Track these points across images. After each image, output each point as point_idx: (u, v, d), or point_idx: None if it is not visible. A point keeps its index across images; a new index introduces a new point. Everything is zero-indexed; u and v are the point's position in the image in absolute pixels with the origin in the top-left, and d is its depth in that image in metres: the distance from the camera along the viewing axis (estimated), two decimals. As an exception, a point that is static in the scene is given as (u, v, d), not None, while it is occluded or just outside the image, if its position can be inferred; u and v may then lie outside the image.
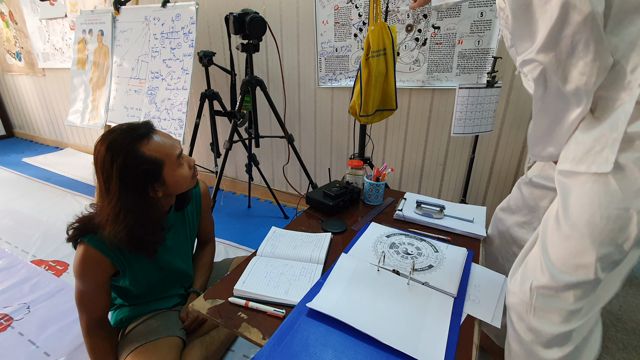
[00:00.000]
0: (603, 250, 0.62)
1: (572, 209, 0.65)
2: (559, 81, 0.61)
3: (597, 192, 0.61)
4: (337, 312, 0.73)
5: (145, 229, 0.90)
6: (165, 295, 1.12)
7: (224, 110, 2.07)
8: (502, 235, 1.10)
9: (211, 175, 2.69)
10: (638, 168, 0.58)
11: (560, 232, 0.66)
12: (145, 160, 0.87)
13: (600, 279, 0.64)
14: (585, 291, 0.67)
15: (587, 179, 0.62)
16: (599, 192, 0.61)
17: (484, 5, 1.53)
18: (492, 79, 1.49)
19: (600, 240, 0.62)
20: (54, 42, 3.09)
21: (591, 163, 0.61)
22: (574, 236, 0.64)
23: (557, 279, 0.66)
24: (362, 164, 1.35)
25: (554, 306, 0.69)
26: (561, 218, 0.66)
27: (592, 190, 0.62)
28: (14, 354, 1.24)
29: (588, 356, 0.78)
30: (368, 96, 1.46)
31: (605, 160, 0.59)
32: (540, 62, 0.61)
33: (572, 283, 0.65)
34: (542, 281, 0.68)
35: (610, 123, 0.59)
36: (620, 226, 0.60)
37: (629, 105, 0.57)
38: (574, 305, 0.68)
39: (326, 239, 1.04)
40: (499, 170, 1.79)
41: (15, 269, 1.69)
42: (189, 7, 1.91)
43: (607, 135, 0.59)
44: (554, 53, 0.58)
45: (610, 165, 0.58)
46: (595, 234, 0.62)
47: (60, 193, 2.60)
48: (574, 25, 0.54)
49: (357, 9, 1.78)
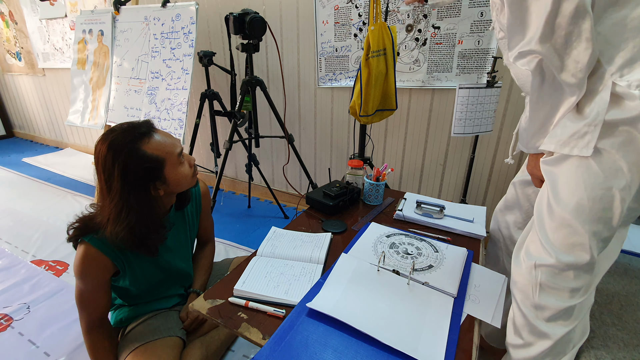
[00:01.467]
0: (593, 228, 0.68)
1: (561, 194, 0.70)
2: (555, 70, 0.63)
3: (582, 175, 0.67)
4: (337, 312, 0.73)
5: (146, 228, 0.90)
6: (165, 295, 1.12)
7: (224, 110, 2.07)
8: (503, 235, 1.11)
9: (211, 175, 2.69)
10: (615, 150, 0.63)
11: (554, 216, 0.72)
12: (147, 158, 0.87)
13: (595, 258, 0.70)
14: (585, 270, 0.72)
15: (571, 164, 0.68)
16: (583, 175, 0.67)
17: (484, 5, 1.53)
18: (492, 79, 1.49)
19: (590, 219, 0.68)
20: (54, 42, 3.09)
21: (574, 146, 0.66)
22: (566, 218, 0.69)
23: (560, 259, 0.71)
24: (362, 164, 1.35)
25: (559, 283, 0.73)
26: (552, 203, 0.72)
27: (577, 174, 0.67)
28: (14, 354, 1.24)
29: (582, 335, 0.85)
30: (368, 96, 1.46)
31: (586, 144, 0.64)
32: (538, 53, 0.63)
33: (571, 263, 0.71)
34: (547, 261, 0.73)
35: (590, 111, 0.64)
36: (606, 205, 0.66)
37: (605, 94, 0.62)
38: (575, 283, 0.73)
39: (326, 239, 1.04)
40: (499, 170, 1.79)
41: (15, 269, 1.69)
42: (189, 7, 1.91)
43: (589, 122, 0.64)
44: (549, 43, 0.61)
45: (590, 150, 0.64)
46: (585, 214, 0.68)
47: (60, 193, 2.60)
48: (566, 15, 0.57)
49: (357, 9, 1.78)
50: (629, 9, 0.60)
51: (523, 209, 1.03)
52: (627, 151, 0.63)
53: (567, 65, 0.61)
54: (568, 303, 0.74)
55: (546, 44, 0.61)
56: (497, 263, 1.15)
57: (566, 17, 0.57)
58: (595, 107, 0.63)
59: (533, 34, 0.62)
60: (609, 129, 0.63)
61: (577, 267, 0.71)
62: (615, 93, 0.62)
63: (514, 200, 1.05)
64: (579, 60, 0.60)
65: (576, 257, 0.70)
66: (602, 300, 1.16)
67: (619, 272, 1.30)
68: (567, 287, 0.73)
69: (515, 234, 1.07)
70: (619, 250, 0.86)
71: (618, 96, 0.62)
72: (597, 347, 0.95)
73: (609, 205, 0.66)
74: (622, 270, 1.32)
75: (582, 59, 0.59)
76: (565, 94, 0.66)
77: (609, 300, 1.15)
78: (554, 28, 0.59)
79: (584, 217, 0.68)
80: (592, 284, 0.80)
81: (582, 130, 0.65)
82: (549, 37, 0.60)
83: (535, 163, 0.81)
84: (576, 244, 0.70)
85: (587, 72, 0.61)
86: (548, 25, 0.59)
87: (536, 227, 0.76)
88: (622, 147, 0.63)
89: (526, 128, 0.79)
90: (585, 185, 0.66)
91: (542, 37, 0.60)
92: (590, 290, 0.79)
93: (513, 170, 1.75)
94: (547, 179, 0.73)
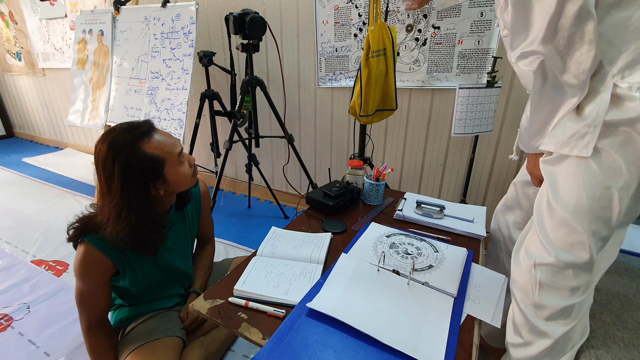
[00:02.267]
0: (593, 227, 0.68)
1: (561, 193, 0.70)
2: (557, 72, 0.63)
3: (581, 174, 0.67)
4: (337, 312, 0.73)
5: (147, 227, 0.90)
6: (165, 295, 1.12)
7: (224, 110, 2.07)
8: (503, 235, 1.11)
9: (211, 175, 2.69)
10: (614, 150, 0.64)
11: (554, 214, 0.72)
12: (147, 158, 0.87)
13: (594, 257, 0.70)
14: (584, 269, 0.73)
15: (570, 163, 0.68)
16: (582, 174, 0.67)
17: (484, 5, 1.53)
18: (492, 79, 1.49)
19: (589, 218, 0.68)
20: (54, 42, 3.09)
21: (573, 147, 0.66)
22: (566, 217, 0.70)
23: (559, 258, 0.71)
24: (362, 164, 1.35)
25: (558, 282, 0.74)
26: (552, 202, 0.72)
27: (576, 173, 0.68)
28: (14, 354, 1.24)
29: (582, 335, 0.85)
30: (368, 96, 1.46)
31: (586, 145, 0.65)
32: (540, 54, 0.63)
33: (571, 262, 0.71)
34: (546, 260, 0.73)
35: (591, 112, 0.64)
36: (604, 204, 0.67)
37: (605, 95, 0.62)
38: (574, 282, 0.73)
39: (326, 239, 1.04)
40: (499, 170, 1.79)
41: (15, 269, 1.69)
42: (189, 7, 1.91)
43: (588, 123, 0.64)
44: (552, 44, 0.60)
45: (590, 151, 0.64)
46: (584, 213, 0.68)
47: (60, 193, 2.60)
48: (570, 17, 0.57)
49: (357, 9, 1.78)
50: (632, 10, 0.60)
51: (523, 209, 1.03)
52: (625, 151, 0.63)
53: (569, 67, 0.61)
54: (568, 302, 0.74)
55: (549, 45, 0.61)
56: (497, 263, 1.15)
57: (569, 19, 0.57)
58: (596, 108, 0.63)
59: (536, 34, 0.62)
60: (608, 129, 0.63)
61: (577, 266, 0.71)
62: (615, 94, 0.62)
63: (515, 200, 1.05)
64: (581, 62, 0.60)
65: (576, 256, 0.71)
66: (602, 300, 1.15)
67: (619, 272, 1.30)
68: (567, 285, 0.73)
69: (514, 234, 1.07)
70: (618, 251, 0.86)
71: (618, 97, 0.62)
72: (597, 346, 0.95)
73: (607, 204, 0.66)
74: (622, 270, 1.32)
75: (585, 60, 0.59)
76: (566, 95, 0.66)
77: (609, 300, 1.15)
78: (557, 29, 0.59)
79: (583, 216, 0.68)
80: (591, 283, 0.80)
81: (582, 130, 0.65)
82: (551, 38, 0.60)
83: (535, 163, 0.82)
84: (576, 242, 0.70)
85: (589, 74, 0.61)
86: (551, 26, 0.59)
87: (536, 226, 0.77)
88: (621, 147, 0.63)
89: (527, 128, 0.79)
90: (584, 185, 0.67)
91: (545, 38, 0.60)
92: (589, 289, 0.79)
93: (513, 170, 1.75)
94: (546, 178, 0.74)
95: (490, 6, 1.52)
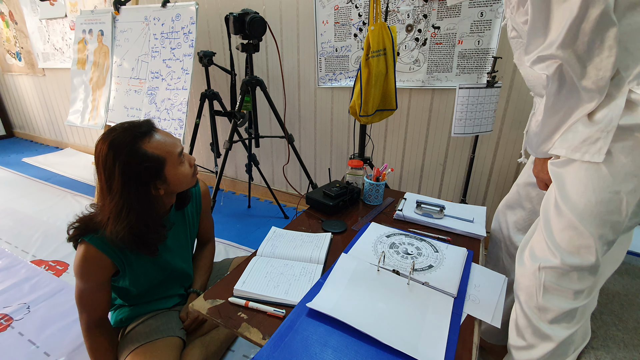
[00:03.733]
0: (600, 230, 0.68)
1: (569, 195, 0.70)
2: (575, 77, 0.63)
3: (591, 177, 0.67)
4: (337, 312, 0.73)
5: (147, 227, 0.90)
6: (165, 295, 1.12)
7: (224, 110, 2.07)
8: (503, 235, 1.11)
9: (211, 175, 2.69)
10: (624, 155, 0.63)
11: (562, 217, 0.71)
12: (148, 157, 0.87)
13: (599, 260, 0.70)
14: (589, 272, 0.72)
15: (580, 166, 0.68)
16: (592, 177, 0.67)
17: (484, 5, 1.53)
18: (492, 79, 1.49)
19: (597, 222, 0.68)
20: (54, 42, 3.09)
21: (585, 152, 0.66)
22: (573, 220, 0.69)
23: (565, 260, 0.71)
24: (362, 164, 1.35)
25: (563, 285, 0.74)
26: (560, 205, 0.71)
27: (585, 176, 0.67)
28: (14, 354, 1.24)
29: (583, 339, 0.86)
30: (368, 96, 1.46)
31: (598, 150, 0.64)
32: (559, 58, 0.62)
33: (576, 265, 0.71)
34: (551, 263, 0.73)
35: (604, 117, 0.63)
36: (613, 208, 0.66)
37: (620, 100, 0.62)
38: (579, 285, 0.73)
39: (326, 239, 1.04)
40: (499, 170, 1.79)
41: (15, 269, 1.69)
42: (189, 7, 1.91)
43: (601, 128, 0.64)
44: (572, 49, 0.60)
45: (602, 156, 0.64)
46: (592, 216, 0.68)
47: (60, 193, 2.60)
48: (591, 21, 0.56)
49: (357, 9, 1.78)
50: None
51: (525, 210, 1.02)
52: (636, 155, 0.63)
53: (589, 72, 0.60)
54: (571, 305, 0.74)
55: (568, 49, 0.60)
56: (498, 263, 1.15)
57: (591, 23, 0.56)
58: (609, 114, 0.62)
59: (554, 38, 0.61)
60: (620, 133, 0.63)
61: (582, 269, 0.71)
62: (630, 100, 0.61)
63: (517, 200, 1.04)
64: (600, 68, 0.59)
65: (582, 259, 0.70)
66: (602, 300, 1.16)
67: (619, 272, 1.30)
68: (571, 288, 0.73)
69: (515, 234, 1.07)
70: (623, 256, 0.86)
71: (632, 103, 0.61)
72: (597, 347, 0.95)
73: (616, 208, 0.66)
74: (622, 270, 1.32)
75: (605, 66, 0.59)
76: (582, 100, 0.65)
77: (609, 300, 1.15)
78: (578, 34, 0.58)
79: (591, 220, 0.68)
80: (596, 287, 0.80)
81: (595, 135, 0.64)
82: (571, 43, 0.59)
83: (542, 166, 0.81)
84: (582, 245, 0.70)
85: (608, 80, 0.60)
86: (572, 30, 0.58)
87: (542, 228, 0.76)
88: (632, 152, 0.63)
89: (537, 132, 0.77)
90: (593, 188, 0.66)
91: (564, 43, 0.59)
92: (593, 292, 0.79)
93: (513, 170, 1.75)
94: (554, 181, 0.73)
95: (490, 6, 1.52)
